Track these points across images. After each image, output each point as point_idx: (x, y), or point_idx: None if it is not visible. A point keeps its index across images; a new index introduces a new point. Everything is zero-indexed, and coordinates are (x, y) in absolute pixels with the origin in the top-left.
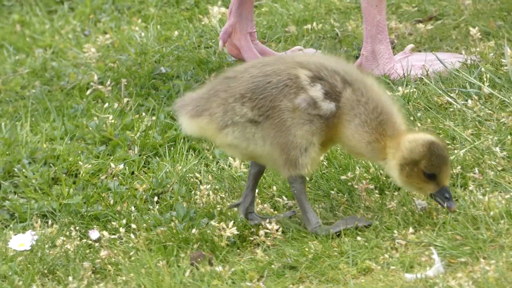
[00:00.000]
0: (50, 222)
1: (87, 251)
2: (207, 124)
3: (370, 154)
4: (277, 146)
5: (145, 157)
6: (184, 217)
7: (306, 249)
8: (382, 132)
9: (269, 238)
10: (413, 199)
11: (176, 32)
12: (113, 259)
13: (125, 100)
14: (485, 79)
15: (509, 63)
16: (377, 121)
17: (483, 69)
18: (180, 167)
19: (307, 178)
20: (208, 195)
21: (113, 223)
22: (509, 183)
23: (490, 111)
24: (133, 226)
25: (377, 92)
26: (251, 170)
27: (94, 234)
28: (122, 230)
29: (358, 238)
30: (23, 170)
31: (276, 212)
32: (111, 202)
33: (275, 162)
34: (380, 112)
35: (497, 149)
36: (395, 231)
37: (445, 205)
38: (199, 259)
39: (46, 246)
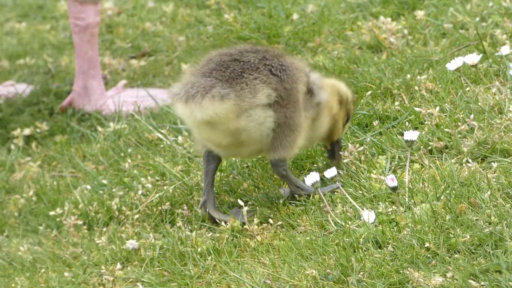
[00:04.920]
0: None
1: None
2: (234, 106)
3: None
4: (286, 127)
5: None
6: None
7: (13, 285)
8: None
9: None
10: (121, 236)
11: None
12: None
13: None
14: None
15: None
16: None
17: None
18: None
19: None
20: None
21: None
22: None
23: None
24: None
25: None
26: (209, 166)
27: None
28: None
29: (66, 274)
30: None
31: None
32: None
33: (267, 145)
34: None
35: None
36: (103, 267)
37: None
38: None
39: None
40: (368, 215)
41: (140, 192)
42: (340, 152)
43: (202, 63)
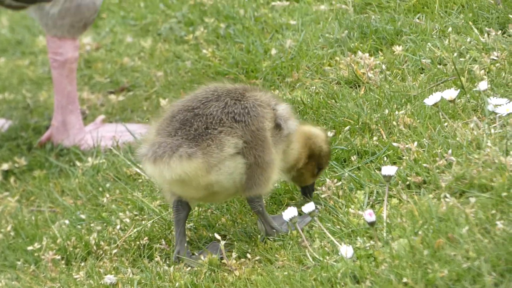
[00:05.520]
0: None
1: None
2: (202, 164)
3: None
4: (257, 167)
5: None
6: None
7: None
8: None
9: None
10: (99, 271)
11: None
12: None
13: None
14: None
15: None
16: None
17: None
18: None
19: None
20: None
21: None
22: (195, 254)
23: None
24: None
25: None
26: (179, 215)
27: None
28: None
29: None
30: None
31: None
32: None
33: (242, 186)
34: None
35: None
36: None
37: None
38: None
39: None
40: (346, 250)
41: (118, 226)
42: (314, 192)
43: (166, 119)
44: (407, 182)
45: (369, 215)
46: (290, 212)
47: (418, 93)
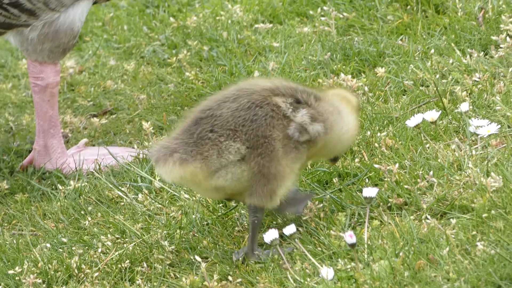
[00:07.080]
0: None
1: None
2: (199, 169)
3: None
4: (261, 177)
5: None
6: None
7: None
8: None
9: None
10: None
11: None
12: None
13: None
14: (156, 173)
15: None
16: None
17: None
18: None
19: None
20: None
21: None
22: (176, 277)
23: (160, 205)
24: None
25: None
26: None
27: None
28: None
29: None
30: None
31: None
32: None
33: (249, 193)
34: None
35: (166, 243)
36: None
37: None
38: None
39: None
40: (327, 272)
41: (100, 250)
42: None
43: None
44: (389, 204)
45: (350, 237)
46: (271, 234)
47: (400, 114)
